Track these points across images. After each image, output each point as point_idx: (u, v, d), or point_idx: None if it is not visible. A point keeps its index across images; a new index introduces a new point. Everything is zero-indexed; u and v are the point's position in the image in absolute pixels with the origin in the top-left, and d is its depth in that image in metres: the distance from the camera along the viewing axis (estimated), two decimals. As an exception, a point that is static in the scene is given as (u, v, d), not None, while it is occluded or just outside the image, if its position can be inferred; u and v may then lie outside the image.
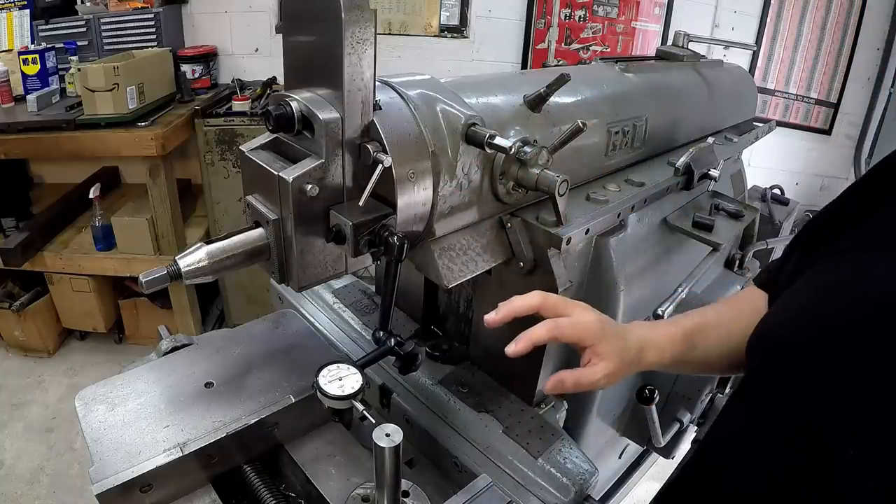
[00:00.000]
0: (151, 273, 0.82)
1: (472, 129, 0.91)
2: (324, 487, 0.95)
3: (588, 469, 1.04)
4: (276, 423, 0.99)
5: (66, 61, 2.87)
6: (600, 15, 3.00)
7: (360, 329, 1.36)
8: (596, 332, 0.80)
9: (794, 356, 0.64)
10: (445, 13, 3.15)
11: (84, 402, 0.99)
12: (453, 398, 1.17)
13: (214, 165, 2.87)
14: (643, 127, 1.35)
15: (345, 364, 0.94)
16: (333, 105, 0.81)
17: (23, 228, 2.80)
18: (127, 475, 0.85)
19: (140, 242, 2.80)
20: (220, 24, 3.29)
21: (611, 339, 0.81)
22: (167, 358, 1.11)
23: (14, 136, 2.54)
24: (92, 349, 3.23)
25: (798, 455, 0.61)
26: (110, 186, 3.29)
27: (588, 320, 0.81)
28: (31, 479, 2.43)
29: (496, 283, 1.17)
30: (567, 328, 0.80)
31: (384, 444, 0.80)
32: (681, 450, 1.58)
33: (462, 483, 1.03)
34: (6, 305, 2.97)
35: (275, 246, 0.87)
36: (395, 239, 0.85)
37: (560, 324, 0.80)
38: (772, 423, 0.66)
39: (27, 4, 2.98)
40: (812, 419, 0.60)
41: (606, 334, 0.81)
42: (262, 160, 0.87)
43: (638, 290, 1.24)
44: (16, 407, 2.82)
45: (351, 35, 0.76)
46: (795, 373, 0.63)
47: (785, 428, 0.64)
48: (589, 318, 0.82)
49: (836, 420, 0.58)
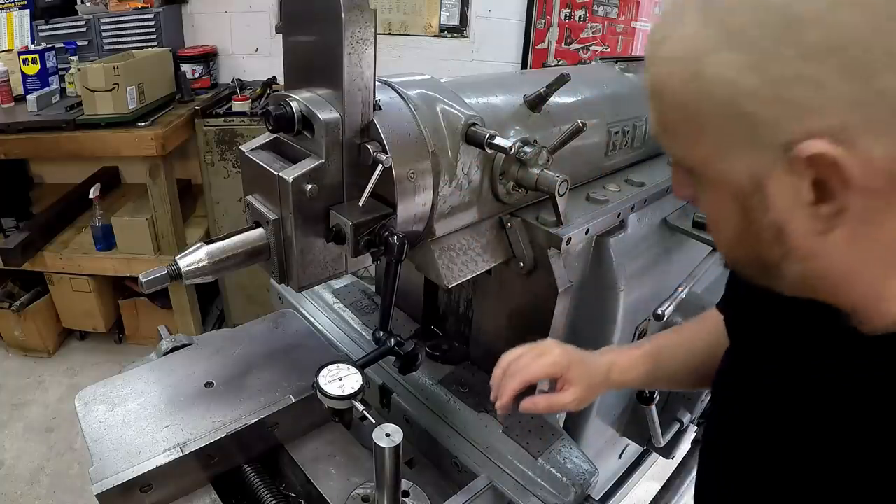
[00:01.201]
0: (151, 273, 0.82)
1: (472, 129, 0.91)
2: (324, 487, 0.95)
3: (588, 469, 1.04)
4: (276, 423, 0.99)
5: (66, 61, 2.87)
6: (600, 15, 3.00)
7: (360, 329, 1.36)
8: (562, 364, 0.91)
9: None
10: (445, 13, 3.15)
11: (84, 402, 0.99)
12: (453, 398, 1.17)
13: (214, 165, 2.87)
14: (643, 127, 1.35)
15: (345, 364, 0.94)
16: (333, 105, 0.81)
17: (23, 228, 2.80)
18: (127, 475, 0.85)
19: (140, 242, 2.80)
20: (220, 24, 3.29)
21: (577, 366, 0.91)
22: (167, 358, 1.11)
23: (14, 136, 2.53)
24: (92, 349, 3.23)
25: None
26: (110, 186, 3.28)
27: (552, 357, 0.91)
28: (31, 479, 2.43)
29: (496, 283, 1.17)
30: (534, 371, 0.91)
31: (384, 444, 0.80)
32: (681, 450, 1.58)
33: (462, 483, 1.03)
34: (6, 305, 2.96)
35: (275, 246, 0.87)
36: (395, 239, 0.85)
37: (527, 371, 0.91)
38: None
39: (27, 4, 2.98)
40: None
41: (573, 363, 0.91)
42: (262, 160, 0.87)
43: (638, 290, 1.24)
44: (16, 407, 2.82)
45: (351, 35, 0.76)
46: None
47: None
48: (553, 354, 0.92)
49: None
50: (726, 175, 0.49)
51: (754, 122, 0.45)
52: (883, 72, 0.40)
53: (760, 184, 0.47)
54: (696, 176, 0.53)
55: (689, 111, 0.49)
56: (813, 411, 0.57)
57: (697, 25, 0.47)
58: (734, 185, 0.49)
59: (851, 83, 0.41)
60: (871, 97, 0.41)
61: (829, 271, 0.50)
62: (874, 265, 0.49)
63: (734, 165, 0.48)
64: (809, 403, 0.58)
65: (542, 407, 0.91)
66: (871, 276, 0.50)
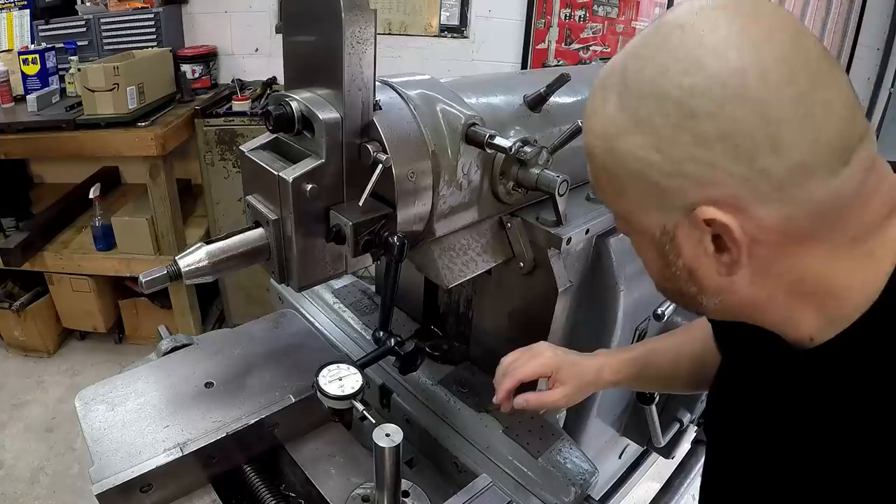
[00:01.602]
0: (151, 273, 0.82)
1: (472, 129, 0.91)
2: (324, 487, 0.95)
3: (588, 469, 1.04)
4: (276, 423, 0.99)
5: (66, 61, 2.86)
6: (600, 15, 3.00)
7: (360, 329, 1.36)
8: (551, 365, 0.98)
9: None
10: (445, 13, 3.14)
11: (84, 402, 0.99)
12: (453, 398, 1.17)
13: (214, 165, 2.87)
14: (643, 127, 1.34)
15: (345, 364, 0.94)
16: (333, 105, 0.81)
17: (23, 228, 2.80)
18: (127, 475, 0.85)
19: (140, 242, 2.80)
20: (220, 24, 3.28)
21: (568, 367, 0.98)
22: (167, 358, 1.11)
23: (14, 136, 2.53)
24: (92, 349, 3.23)
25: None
26: (110, 186, 3.28)
27: (542, 359, 0.98)
28: (31, 479, 2.43)
29: (496, 283, 1.17)
30: (526, 370, 0.98)
31: (384, 444, 0.80)
32: (681, 450, 1.58)
33: (462, 483, 1.03)
34: (6, 305, 2.96)
35: (275, 246, 0.87)
36: (395, 239, 0.85)
37: (520, 371, 0.98)
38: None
39: (27, 4, 2.98)
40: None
41: (563, 364, 0.98)
42: (262, 160, 0.87)
43: (638, 290, 1.24)
44: (16, 407, 2.81)
45: (351, 35, 0.76)
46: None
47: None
48: (545, 356, 0.99)
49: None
50: (645, 226, 0.59)
51: (661, 189, 0.54)
52: (764, 155, 0.49)
53: (672, 235, 0.57)
54: (624, 223, 0.63)
55: (610, 175, 0.59)
56: (774, 416, 0.64)
57: (615, 108, 0.56)
58: (651, 234, 0.59)
59: (738, 164, 0.50)
60: (755, 175, 0.49)
61: (742, 303, 0.59)
62: (780, 298, 0.57)
63: (650, 219, 0.58)
64: (772, 408, 0.65)
65: (532, 403, 0.98)
66: (779, 304, 0.57)
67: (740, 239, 0.52)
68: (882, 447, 0.52)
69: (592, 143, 0.60)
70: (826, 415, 0.57)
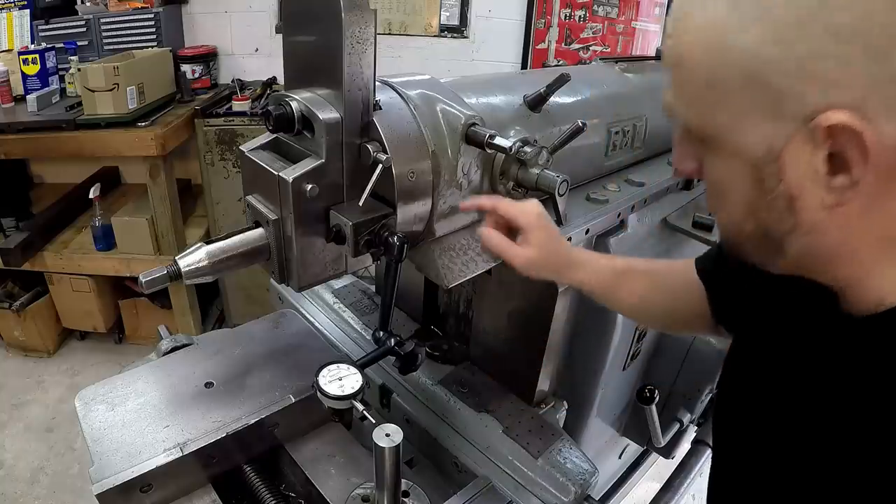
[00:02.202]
0: (151, 273, 0.82)
1: (472, 129, 0.91)
2: (324, 487, 0.95)
3: (588, 469, 1.04)
4: (276, 423, 0.99)
5: (66, 61, 2.86)
6: (600, 15, 3.00)
7: (360, 329, 1.36)
8: (531, 221, 0.88)
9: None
10: (445, 13, 3.14)
11: (84, 402, 0.99)
12: (453, 398, 1.17)
13: (214, 165, 2.87)
14: (643, 127, 1.35)
15: (345, 364, 0.94)
16: (333, 105, 0.81)
17: (23, 228, 2.80)
18: (127, 475, 0.85)
19: (140, 242, 2.80)
20: (220, 24, 3.28)
21: (544, 233, 0.89)
22: (167, 358, 1.11)
23: (14, 136, 2.53)
24: (92, 349, 3.23)
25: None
26: (110, 186, 3.28)
27: (529, 208, 0.90)
28: (31, 479, 2.43)
29: (496, 283, 1.17)
30: (508, 206, 0.89)
31: (384, 444, 0.80)
32: (681, 450, 1.58)
33: (462, 483, 1.03)
34: (6, 305, 2.96)
35: (275, 246, 0.87)
36: (395, 239, 0.85)
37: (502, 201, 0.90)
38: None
39: (27, 4, 2.97)
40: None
41: (541, 227, 0.89)
42: (262, 160, 0.87)
43: (638, 290, 1.24)
44: (16, 407, 2.81)
45: (351, 35, 0.76)
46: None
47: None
48: (530, 208, 0.90)
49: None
50: (742, 144, 0.51)
51: (777, 93, 0.47)
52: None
53: (776, 154, 0.49)
54: (709, 146, 0.54)
55: (711, 81, 0.50)
56: (812, 395, 0.58)
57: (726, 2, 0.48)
58: (749, 154, 0.50)
59: (873, 63, 0.43)
60: (887, 77, 0.43)
61: (827, 248, 0.52)
62: (869, 245, 0.51)
63: (753, 134, 0.49)
64: (809, 388, 0.59)
65: (495, 242, 0.89)
66: (864, 256, 0.52)
67: (871, 150, 0.44)
68: None
69: (690, 42, 0.51)
70: (885, 395, 0.50)
